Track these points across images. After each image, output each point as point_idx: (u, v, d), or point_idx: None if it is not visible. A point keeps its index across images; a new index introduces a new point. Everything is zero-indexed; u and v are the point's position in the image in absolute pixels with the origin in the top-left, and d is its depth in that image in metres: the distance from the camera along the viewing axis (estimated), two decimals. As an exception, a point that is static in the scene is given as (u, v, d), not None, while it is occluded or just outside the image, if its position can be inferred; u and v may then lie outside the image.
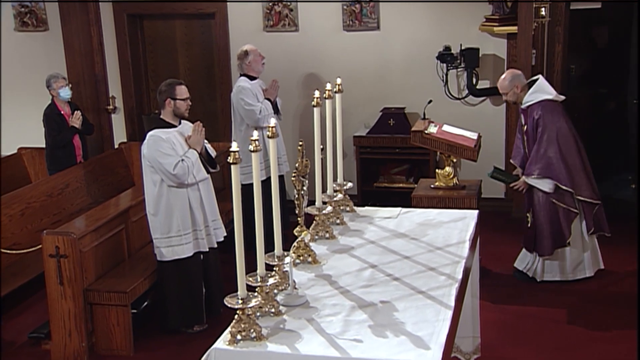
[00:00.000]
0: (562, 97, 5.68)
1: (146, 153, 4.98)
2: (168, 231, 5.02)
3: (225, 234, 5.34)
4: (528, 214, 5.68)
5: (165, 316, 5.23)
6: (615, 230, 5.77)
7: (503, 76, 5.68)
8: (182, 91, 5.06)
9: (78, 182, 6.59)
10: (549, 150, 5.46)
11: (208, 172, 5.13)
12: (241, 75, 6.46)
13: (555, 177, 5.46)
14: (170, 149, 4.92)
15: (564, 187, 5.46)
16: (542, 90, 5.57)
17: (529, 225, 5.65)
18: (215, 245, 5.27)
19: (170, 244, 5.03)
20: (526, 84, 5.62)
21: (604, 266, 5.74)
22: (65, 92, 6.68)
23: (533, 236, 5.63)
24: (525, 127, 5.66)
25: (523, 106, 5.64)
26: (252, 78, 6.41)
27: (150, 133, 5.02)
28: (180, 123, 5.12)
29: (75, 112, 6.69)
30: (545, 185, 5.48)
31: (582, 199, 5.51)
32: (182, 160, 4.93)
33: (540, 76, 5.71)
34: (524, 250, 5.78)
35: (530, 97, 5.56)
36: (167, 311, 5.21)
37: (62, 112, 6.68)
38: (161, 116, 5.10)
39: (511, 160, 5.95)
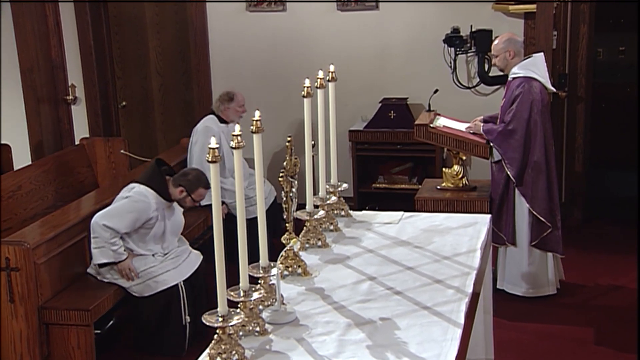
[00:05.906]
0: (552, 89, 5.77)
1: (120, 196, 5.19)
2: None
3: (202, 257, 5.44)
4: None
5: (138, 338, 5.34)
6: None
7: (499, 37, 5.75)
8: (201, 195, 5.18)
9: (32, 184, 6.57)
10: (518, 132, 5.53)
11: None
12: (211, 113, 6.56)
13: (505, 152, 5.57)
14: (133, 221, 5.04)
15: (506, 163, 5.57)
16: (535, 67, 5.61)
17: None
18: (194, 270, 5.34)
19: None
20: (521, 54, 5.67)
21: (559, 286, 5.81)
22: None
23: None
24: (503, 102, 5.74)
25: (510, 77, 5.71)
26: (222, 120, 6.51)
27: (137, 188, 5.13)
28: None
29: None
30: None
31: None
32: (114, 245, 5.00)
33: (542, 53, 5.76)
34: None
35: (519, 70, 5.63)
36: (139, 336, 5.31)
37: None
38: (167, 177, 5.22)
39: None
